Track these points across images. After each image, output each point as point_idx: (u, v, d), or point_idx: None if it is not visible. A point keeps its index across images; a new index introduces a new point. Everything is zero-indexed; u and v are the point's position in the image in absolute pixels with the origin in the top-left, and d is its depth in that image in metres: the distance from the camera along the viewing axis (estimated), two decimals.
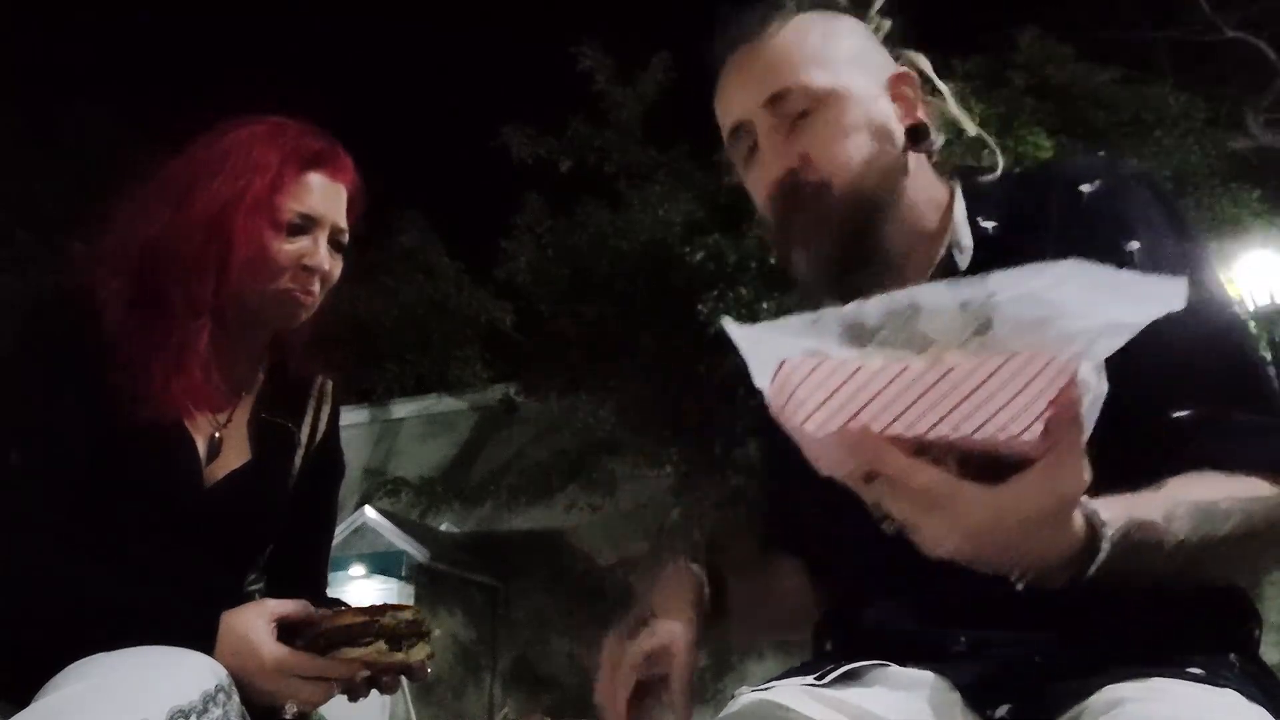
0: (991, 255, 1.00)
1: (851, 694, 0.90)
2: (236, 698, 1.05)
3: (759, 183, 1.07)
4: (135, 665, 1.00)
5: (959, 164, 1.13)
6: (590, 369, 10.72)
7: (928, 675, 0.90)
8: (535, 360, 11.31)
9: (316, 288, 1.29)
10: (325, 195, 1.29)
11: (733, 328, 0.75)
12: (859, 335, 0.75)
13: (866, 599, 1.00)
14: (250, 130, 1.29)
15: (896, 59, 1.10)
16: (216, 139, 1.29)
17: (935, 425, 0.68)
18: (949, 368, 0.67)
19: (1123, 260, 0.92)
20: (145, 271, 1.25)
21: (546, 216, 10.77)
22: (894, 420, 0.69)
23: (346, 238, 1.33)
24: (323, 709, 1.20)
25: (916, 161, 1.06)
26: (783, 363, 0.71)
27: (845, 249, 1.02)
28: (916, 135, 1.05)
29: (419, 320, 11.65)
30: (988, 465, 0.71)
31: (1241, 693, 0.77)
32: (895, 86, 1.06)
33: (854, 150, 1.02)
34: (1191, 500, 0.80)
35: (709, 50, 1.10)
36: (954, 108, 1.11)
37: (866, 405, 0.69)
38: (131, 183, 1.32)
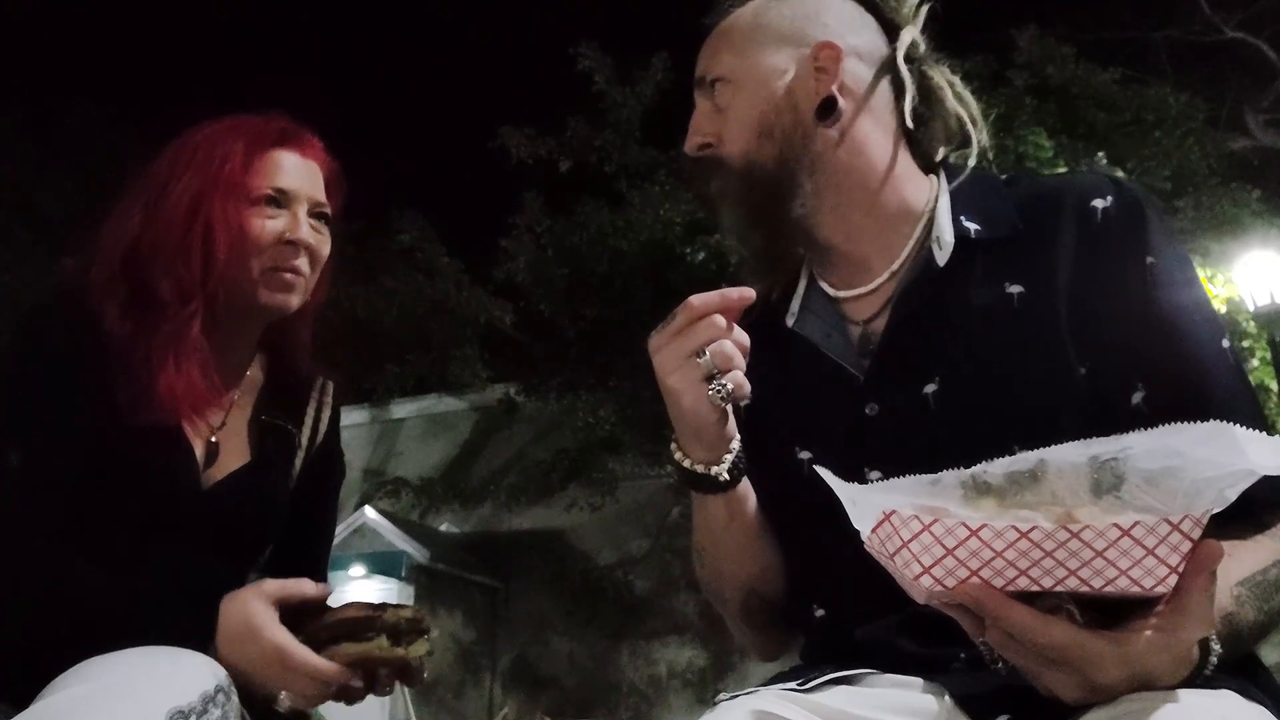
0: (976, 257, 1.01)
1: (834, 700, 0.89)
2: (235, 698, 1.05)
3: None
4: (135, 666, 1.00)
5: (942, 158, 1.13)
6: (590, 369, 10.71)
7: (917, 681, 0.89)
8: (535, 360, 11.31)
9: (303, 264, 1.29)
10: (297, 171, 1.31)
11: (829, 478, 0.76)
12: (982, 494, 0.75)
13: (859, 614, 0.98)
14: (215, 126, 1.33)
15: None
16: (186, 139, 1.33)
17: (1063, 580, 0.68)
18: (1081, 527, 0.66)
19: (1142, 273, 0.96)
20: (133, 271, 1.26)
21: (546, 216, 10.76)
22: (1019, 576, 0.68)
23: (329, 211, 1.34)
24: (321, 709, 1.20)
25: (844, 136, 1.06)
26: (889, 513, 0.70)
27: (753, 218, 1.08)
28: (824, 109, 1.05)
29: (419, 320, 11.64)
30: (1107, 606, 0.70)
31: (1240, 692, 0.77)
32: (816, 58, 1.07)
33: (750, 125, 1.07)
34: (1247, 576, 0.82)
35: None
36: (946, 94, 1.10)
37: (989, 562, 0.68)
38: (124, 185, 1.34)
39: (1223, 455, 0.68)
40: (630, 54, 10.65)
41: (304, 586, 1.14)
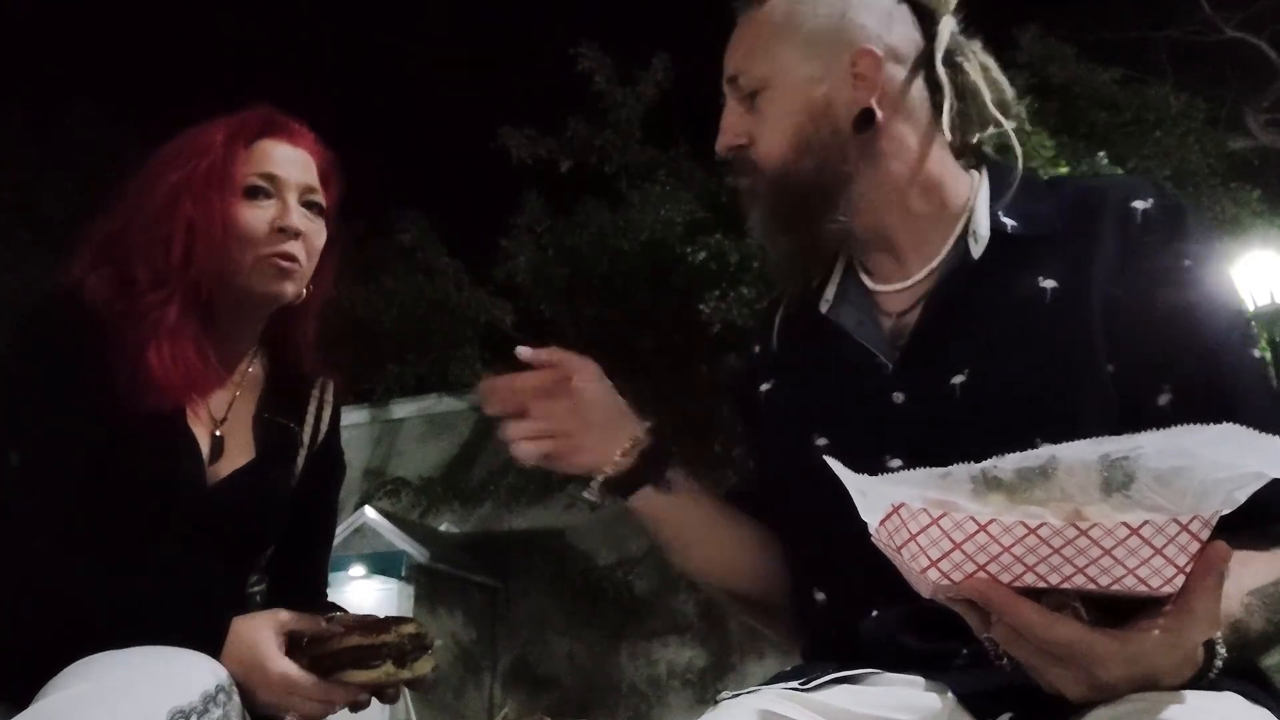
0: (1011, 253, 1.01)
1: (837, 699, 0.89)
2: (237, 698, 1.05)
3: None
4: (136, 666, 1.00)
5: (986, 153, 1.12)
6: None
7: (919, 680, 0.89)
8: None
9: (297, 250, 1.28)
10: (285, 158, 1.30)
11: (839, 469, 0.76)
12: (992, 489, 0.75)
13: (862, 609, 0.98)
14: (203, 125, 1.32)
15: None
16: (176, 138, 1.33)
17: (1070, 577, 0.68)
18: (1089, 525, 0.66)
19: (1179, 277, 0.96)
20: (120, 264, 1.26)
21: (546, 216, 10.75)
22: (1026, 572, 0.68)
23: (321, 200, 1.32)
24: None
25: (882, 143, 1.04)
26: (897, 506, 0.70)
27: (787, 227, 1.07)
28: (862, 120, 1.04)
29: (419, 320, 11.63)
30: (1112, 604, 0.70)
31: (1243, 694, 0.77)
32: (855, 65, 1.04)
33: (786, 135, 1.04)
34: (1259, 586, 0.82)
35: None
36: (981, 83, 1.08)
37: (997, 558, 0.68)
38: (122, 186, 1.34)
39: (1233, 457, 0.68)
40: (630, 54, 10.65)
41: (317, 625, 1.15)
